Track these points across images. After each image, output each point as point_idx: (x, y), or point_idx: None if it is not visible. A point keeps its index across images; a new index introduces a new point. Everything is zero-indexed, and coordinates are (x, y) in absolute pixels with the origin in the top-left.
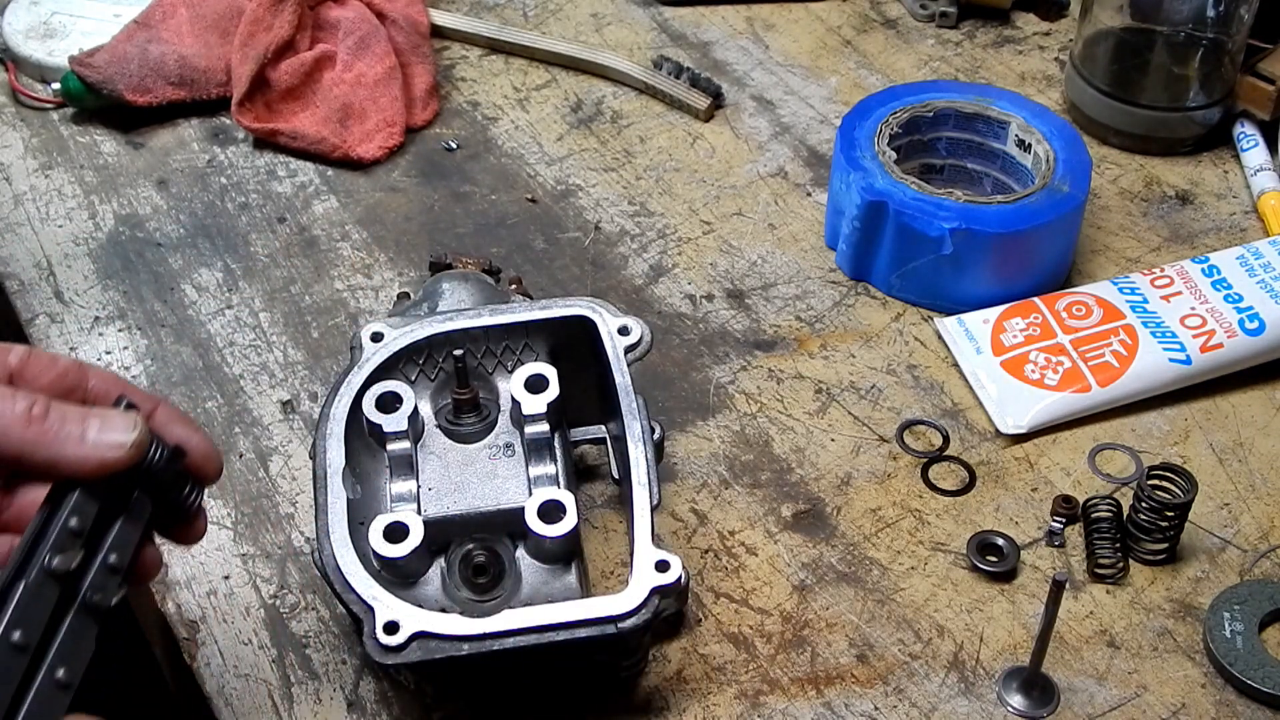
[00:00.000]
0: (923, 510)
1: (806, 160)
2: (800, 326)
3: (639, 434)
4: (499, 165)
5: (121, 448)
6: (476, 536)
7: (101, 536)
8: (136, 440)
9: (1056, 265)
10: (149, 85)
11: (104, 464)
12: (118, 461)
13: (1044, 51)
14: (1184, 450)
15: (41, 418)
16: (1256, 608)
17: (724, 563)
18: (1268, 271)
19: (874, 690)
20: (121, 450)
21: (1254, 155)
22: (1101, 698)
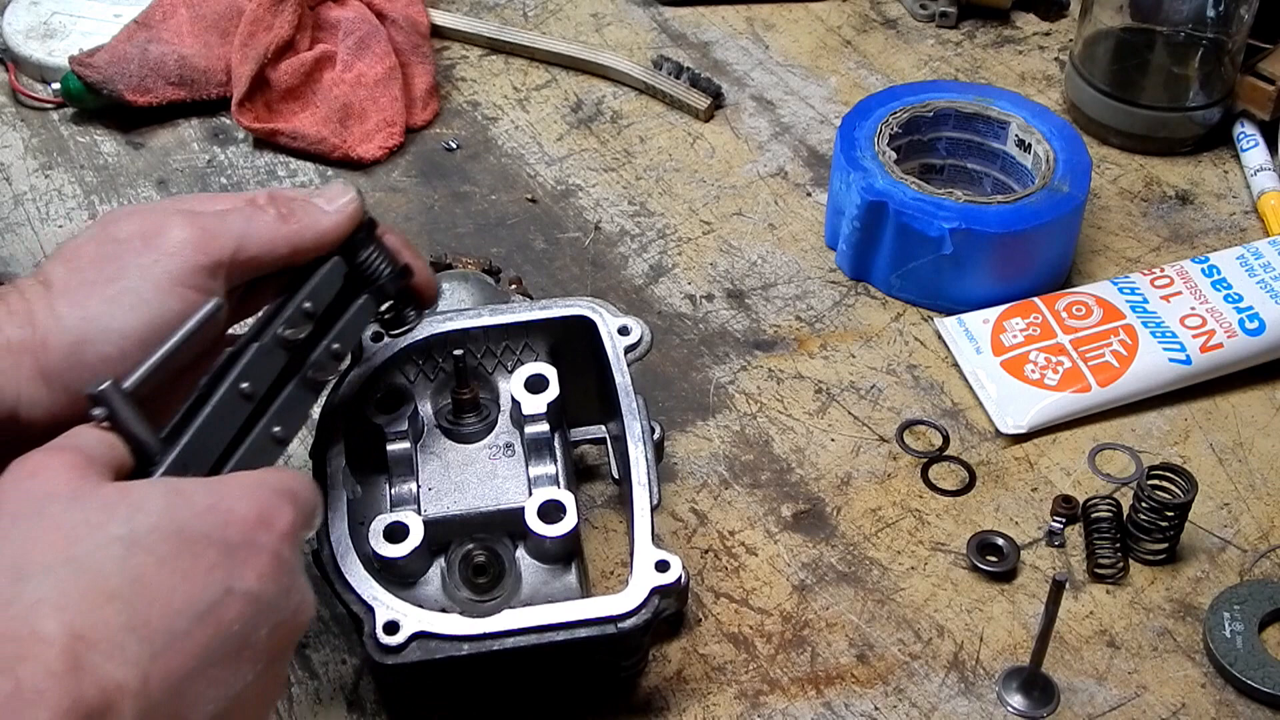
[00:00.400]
0: (923, 510)
1: (806, 160)
2: (800, 326)
3: (639, 434)
4: (499, 165)
5: (352, 201)
6: (476, 536)
7: (330, 324)
8: (356, 195)
9: (1056, 265)
10: (149, 85)
11: (349, 218)
12: (355, 211)
13: (1044, 51)
14: (1184, 450)
15: (290, 215)
16: (1256, 608)
17: (724, 563)
18: (1268, 271)
19: (874, 690)
20: (354, 203)
21: (1254, 155)
22: (1101, 698)
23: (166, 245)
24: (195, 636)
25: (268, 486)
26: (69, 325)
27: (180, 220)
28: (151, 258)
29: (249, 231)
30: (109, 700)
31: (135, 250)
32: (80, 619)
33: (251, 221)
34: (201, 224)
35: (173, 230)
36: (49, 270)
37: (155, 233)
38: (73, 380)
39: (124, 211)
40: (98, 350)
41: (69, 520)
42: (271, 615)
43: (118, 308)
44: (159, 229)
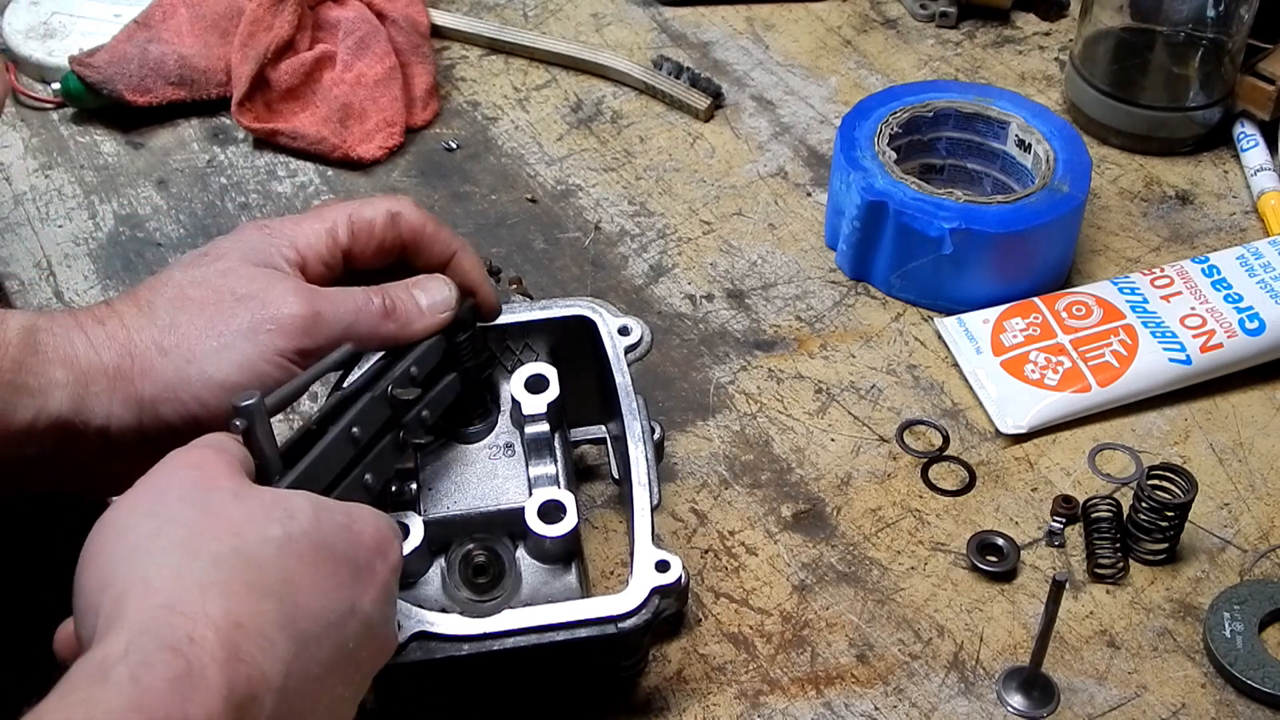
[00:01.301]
0: (923, 510)
1: (806, 160)
2: (800, 326)
3: (639, 434)
4: (499, 165)
5: (447, 308)
6: (476, 536)
7: (426, 393)
8: (454, 300)
9: (1056, 265)
10: (149, 85)
11: (441, 325)
12: (447, 320)
13: (1044, 51)
14: (1184, 450)
15: (393, 310)
16: (1256, 608)
17: (724, 563)
18: (1268, 271)
19: (874, 690)
20: (448, 311)
21: (1254, 155)
22: (1101, 698)
23: (281, 320)
24: (324, 645)
25: (385, 519)
26: (172, 366)
27: (298, 298)
28: (264, 328)
29: (355, 323)
30: (254, 691)
31: (248, 313)
32: (242, 609)
33: (360, 314)
34: (317, 306)
35: (289, 305)
36: (153, 300)
37: (271, 301)
38: (165, 410)
39: (238, 258)
40: (194, 392)
41: (234, 513)
42: (374, 640)
43: (222, 362)
44: (276, 300)
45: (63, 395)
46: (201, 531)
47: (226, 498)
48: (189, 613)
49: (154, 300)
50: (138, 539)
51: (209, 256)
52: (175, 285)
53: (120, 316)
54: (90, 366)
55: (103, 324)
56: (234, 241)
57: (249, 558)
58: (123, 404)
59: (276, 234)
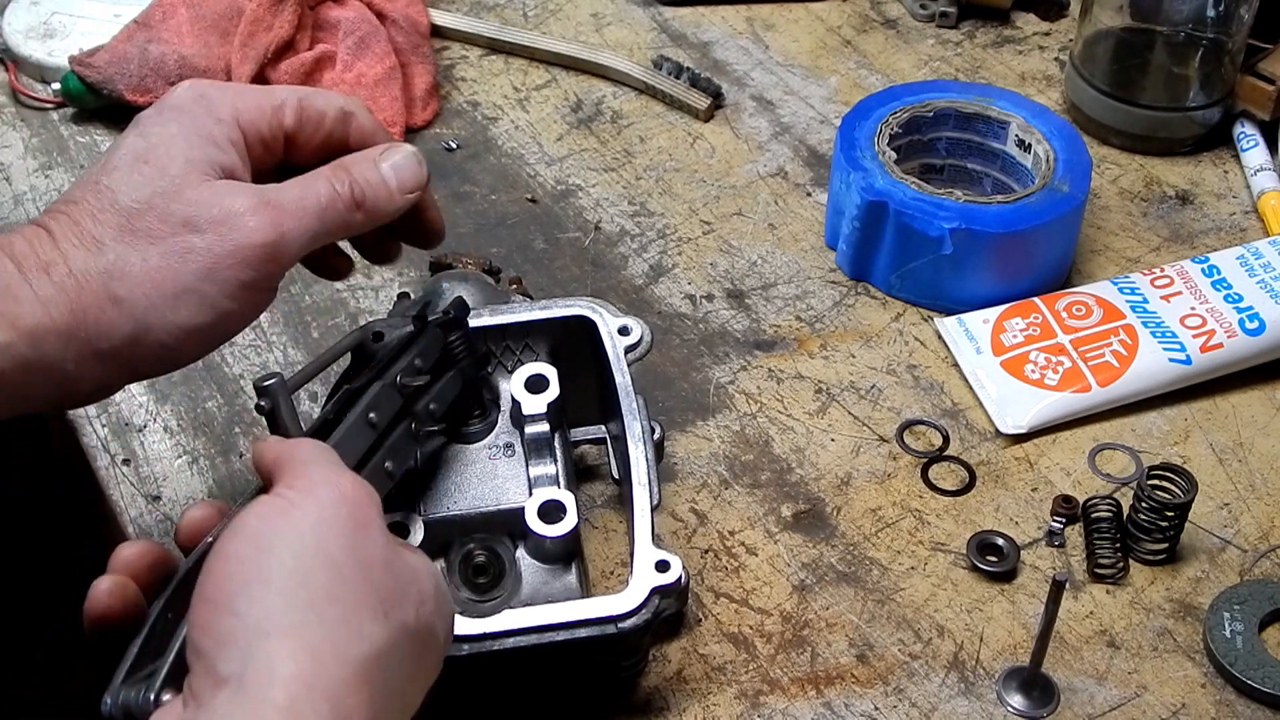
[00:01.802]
0: (923, 510)
1: (806, 160)
2: (800, 326)
3: (639, 434)
4: (499, 165)
5: (418, 184)
6: (477, 536)
7: (429, 387)
8: (424, 172)
9: (1056, 265)
10: (149, 85)
11: (407, 205)
12: (414, 200)
13: (1044, 51)
14: (1184, 450)
15: (362, 200)
16: (1256, 608)
17: (724, 563)
18: (1268, 271)
19: (874, 690)
20: (418, 187)
21: (1254, 155)
22: (1101, 698)
23: (242, 253)
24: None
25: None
26: (128, 316)
27: (259, 221)
28: (225, 264)
29: (322, 226)
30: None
31: (205, 248)
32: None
33: (326, 212)
34: (281, 226)
35: (249, 233)
36: (98, 234)
37: (229, 232)
38: (129, 359)
39: (182, 165)
40: (155, 339)
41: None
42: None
43: (182, 307)
44: (235, 228)
45: (5, 356)
46: (356, 609)
47: (378, 561)
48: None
49: (99, 234)
50: (291, 583)
51: (149, 165)
52: (119, 212)
53: (65, 258)
54: (38, 327)
55: (47, 272)
56: (174, 130)
57: (389, 662)
58: (77, 359)
59: (217, 107)
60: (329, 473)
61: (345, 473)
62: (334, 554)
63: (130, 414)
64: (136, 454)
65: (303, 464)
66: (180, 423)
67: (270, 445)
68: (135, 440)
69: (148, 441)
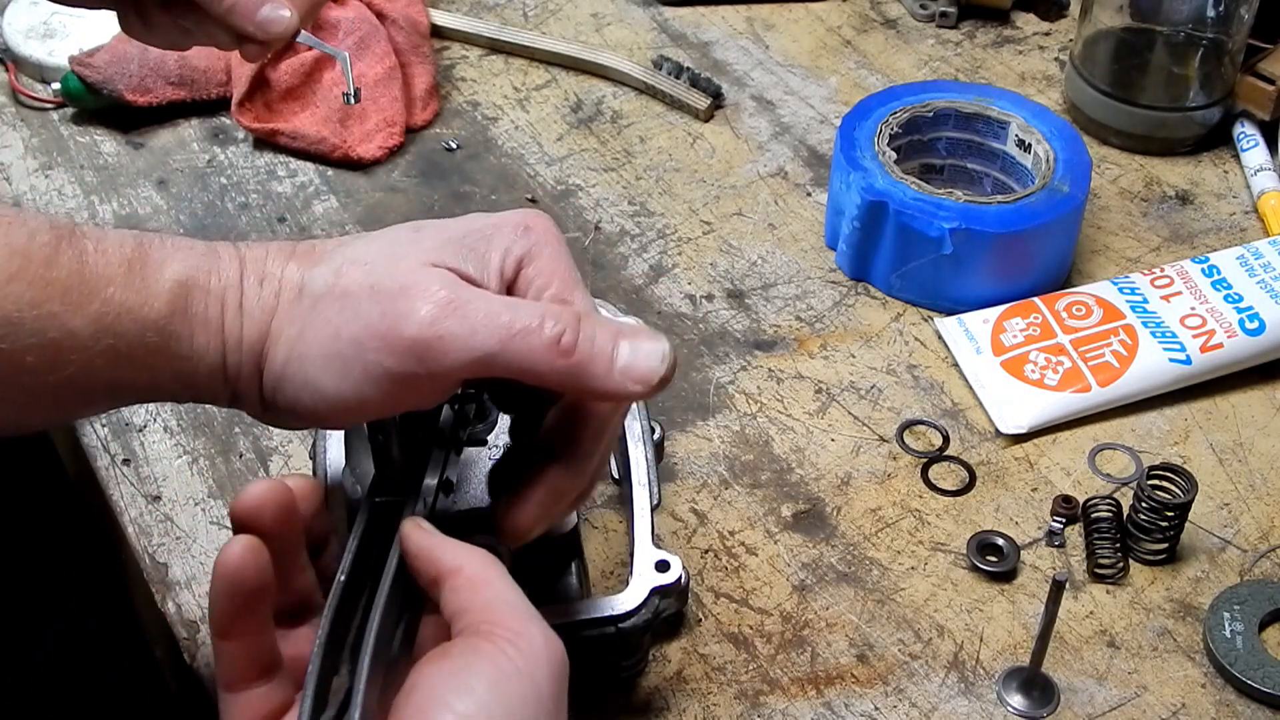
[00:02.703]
0: (923, 510)
1: (806, 160)
2: (800, 326)
3: (639, 434)
4: (499, 165)
5: (648, 383)
6: (477, 537)
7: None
8: (665, 375)
9: (1056, 265)
10: (149, 85)
11: (627, 397)
12: (642, 396)
13: (1044, 51)
14: (1184, 450)
15: (571, 350)
16: (1256, 608)
17: (724, 563)
18: (1268, 271)
19: (874, 690)
20: (648, 386)
21: (1254, 155)
22: (1101, 698)
23: (389, 338)
24: None
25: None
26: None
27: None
28: (371, 344)
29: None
30: None
31: (365, 318)
32: None
33: (515, 339)
34: (442, 328)
35: (405, 321)
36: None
37: (393, 310)
38: (273, 396)
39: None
40: (296, 390)
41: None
42: None
43: (327, 370)
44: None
45: (204, 366)
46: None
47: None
48: None
49: (315, 272)
50: None
51: (413, 229)
52: (345, 258)
53: (280, 280)
54: (231, 338)
55: (262, 284)
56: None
57: None
58: (248, 377)
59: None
60: (547, 633)
61: (548, 629)
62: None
63: (130, 414)
64: (136, 454)
65: (520, 615)
66: (180, 423)
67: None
68: (135, 440)
69: (148, 441)
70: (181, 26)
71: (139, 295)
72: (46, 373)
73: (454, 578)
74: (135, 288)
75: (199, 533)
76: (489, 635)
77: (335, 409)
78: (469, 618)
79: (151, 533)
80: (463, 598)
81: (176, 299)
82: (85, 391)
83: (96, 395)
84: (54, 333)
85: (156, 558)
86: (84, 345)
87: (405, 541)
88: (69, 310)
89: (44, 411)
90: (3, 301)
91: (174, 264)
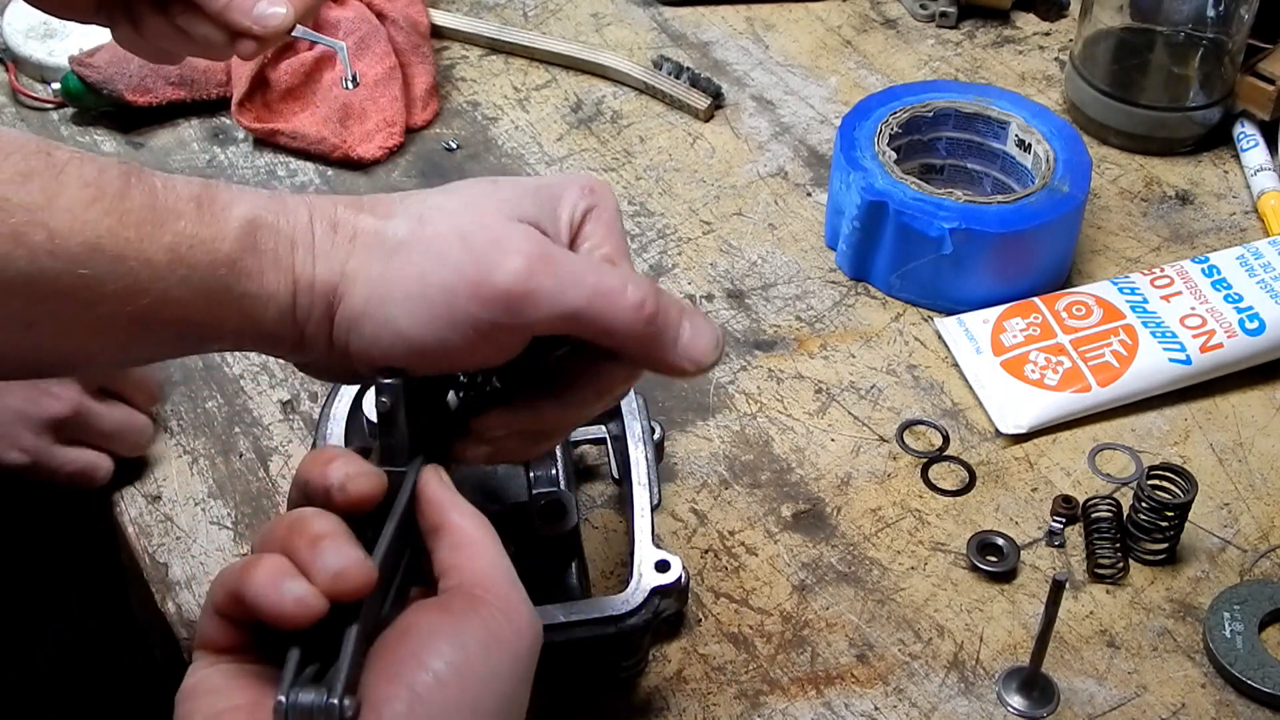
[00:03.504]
0: (923, 510)
1: (806, 160)
2: (800, 326)
3: (639, 434)
4: (499, 165)
5: (700, 365)
6: None
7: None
8: (715, 359)
9: (1056, 265)
10: (149, 85)
11: (680, 373)
12: (691, 374)
13: (1044, 51)
14: (1184, 450)
15: (654, 316)
16: (1256, 608)
17: (724, 563)
18: (1268, 271)
19: (874, 690)
20: (698, 367)
21: (1254, 155)
22: (1101, 698)
23: (481, 286)
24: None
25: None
26: (367, 297)
27: (516, 263)
28: (462, 290)
29: (586, 308)
30: None
31: (456, 263)
32: None
33: (599, 298)
34: (534, 282)
35: (499, 271)
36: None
37: (484, 258)
38: (346, 338)
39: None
40: (374, 330)
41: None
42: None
43: (411, 312)
44: (491, 258)
45: (273, 306)
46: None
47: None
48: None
49: (393, 221)
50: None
51: (490, 183)
52: (426, 206)
53: (355, 227)
54: (303, 278)
55: (335, 229)
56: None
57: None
58: (318, 320)
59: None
60: (529, 607)
61: (529, 602)
62: (513, 697)
63: None
64: None
65: (509, 583)
66: (180, 423)
67: (457, 514)
68: None
69: None
70: (175, 30)
71: (210, 229)
72: (124, 302)
73: (455, 534)
74: (205, 222)
75: (199, 533)
76: (484, 600)
77: (414, 350)
78: (462, 576)
79: (151, 533)
80: (460, 556)
81: (245, 236)
82: (157, 327)
83: (167, 334)
84: (132, 260)
85: (156, 558)
86: (160, 275)
87: (423, 486)
88: (145, 239)
89: (115, 348)
90: (83, 228)
91: (241, 204)
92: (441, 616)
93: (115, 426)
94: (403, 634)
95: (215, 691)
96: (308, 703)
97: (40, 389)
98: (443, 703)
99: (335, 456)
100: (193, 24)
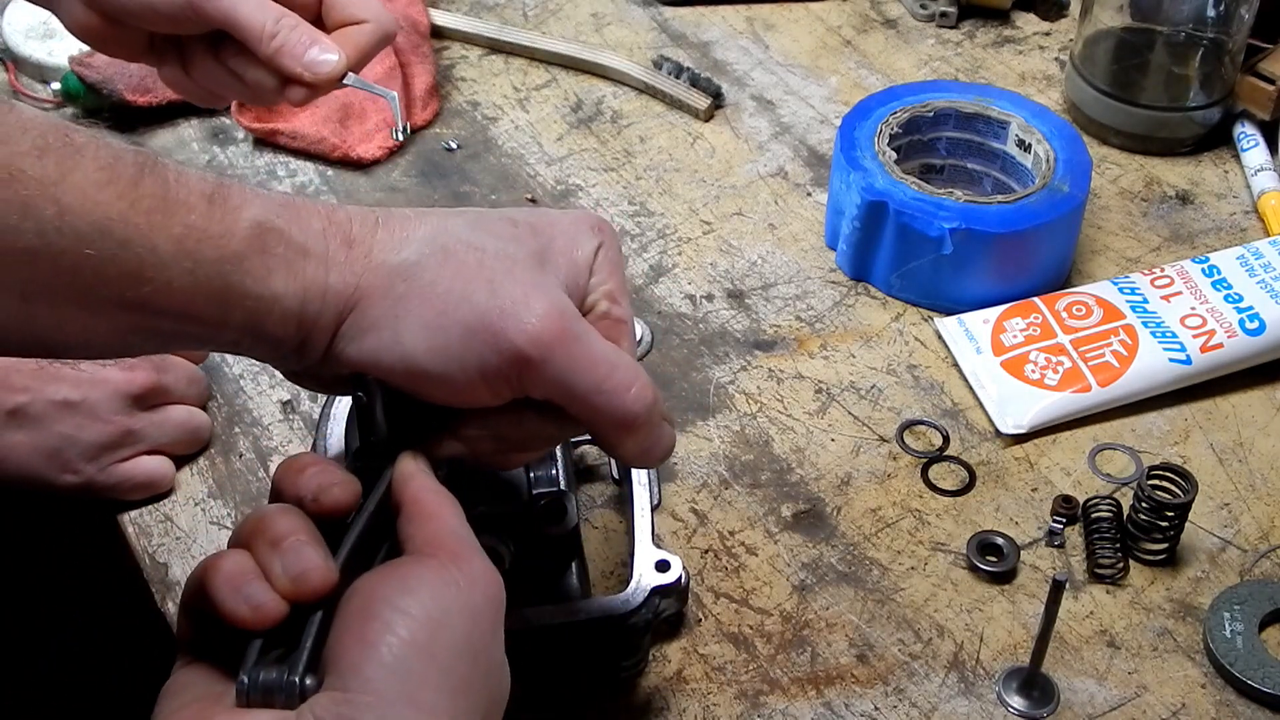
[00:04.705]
0: (923, 510)
1: (806, 160)
2: (800, 326)
3: None
4: (499, 165)
5: (648, 466)
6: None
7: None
8: (339, 68)
9: (1056, 265)
10: (149, 85)
11: (626, 463)
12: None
13: (1044, 51)
14: (1184, 450)
15: (639, 426)
16: (1256, 608)
17: (724, 563)
18: (1268, 271)
19: (874, 690)
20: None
21: (1254, 155)
22: (1101, 698)
23: (499, 341)
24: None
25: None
26: (378, 321)
27: (545, 325)
28: (481, 336)
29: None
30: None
31: (485, 307)
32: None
33: (599, 392)
34: (549, 353)
35: (524, 327)
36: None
37: (511, 309)
38: (348, 353)
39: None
40: (380, 349)
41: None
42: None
43: (421, 342)
44: (524, 310)
45: (278, 309)
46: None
47: (496, 665)
48: None
49: (413, 246)
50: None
51: (510, 223)
52: (451, 237)
53: (372, 244)
54: (314, 286)
55: (350, 245)
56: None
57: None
58: (325, 327)
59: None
60: (488, 565)
61: (490, 564)
62: (478, 649)
63: None
64: None
65: (463, 544)
66: None
67: (419, 490)
68: None
69: None
70: (226, 72)
71: (219, 226)
72: (126, 287)
73: (412, 505)
74: (216, 218)
75: (199, 533)
76: (432, 554)
77: (415, 374)
78: (415, 543)
79: (151, 533)
80: (415, 525)
81: (255, 238)
82: (156, 316)
83: (166, 325)
84: (139, 246)
85: (156, 558)
86: (165, 264)
87: (396, 469)
88: (154, 228)
89: (113, 333)
90: (94, 208)
91: (253, 207)
92: (388, 572)
93: (174, 433)
94: (351, 596)
95: (182, 689)
96: (269, 680)
97: (85, 414)
98: (406, 656)
99: (308, 465)
100: (244, 67)
